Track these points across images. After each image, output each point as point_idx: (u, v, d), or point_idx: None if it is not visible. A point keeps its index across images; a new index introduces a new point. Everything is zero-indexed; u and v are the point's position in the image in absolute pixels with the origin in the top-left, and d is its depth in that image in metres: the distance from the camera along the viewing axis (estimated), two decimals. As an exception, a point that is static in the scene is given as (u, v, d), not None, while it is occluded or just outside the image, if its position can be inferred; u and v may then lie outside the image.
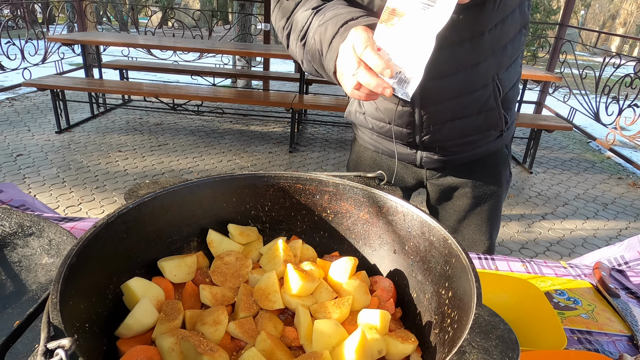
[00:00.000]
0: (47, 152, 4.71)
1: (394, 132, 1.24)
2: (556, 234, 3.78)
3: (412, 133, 1.20)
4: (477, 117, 1.16)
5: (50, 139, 5.07)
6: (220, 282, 0.78)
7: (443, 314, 0.68)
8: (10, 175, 4.15)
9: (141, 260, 0.78)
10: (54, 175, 4.21)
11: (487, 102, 1.13)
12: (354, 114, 1.36)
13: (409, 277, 0.81)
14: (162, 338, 0.63)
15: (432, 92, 1.09)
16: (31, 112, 5.98)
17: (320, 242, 0.94)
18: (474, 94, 1.11)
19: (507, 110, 1.20)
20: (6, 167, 4.30)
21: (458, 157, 1.25)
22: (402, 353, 0.68)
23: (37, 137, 5.10)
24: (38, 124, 5.50)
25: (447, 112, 1.13)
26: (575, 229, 3.88)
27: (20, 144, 4.87)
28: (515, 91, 1.22)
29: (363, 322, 0.70)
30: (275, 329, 0.70)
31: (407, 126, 1.19)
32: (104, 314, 0.66)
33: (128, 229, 0.73)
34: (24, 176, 4.15)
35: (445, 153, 1.24)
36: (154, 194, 0.78)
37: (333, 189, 0.90)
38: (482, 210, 1.37)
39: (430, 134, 1.18)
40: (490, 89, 1.11)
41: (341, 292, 0.77)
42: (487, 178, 1.32)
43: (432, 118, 1.15)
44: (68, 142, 4.98)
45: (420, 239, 0.78)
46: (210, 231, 0.87)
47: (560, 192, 4.62)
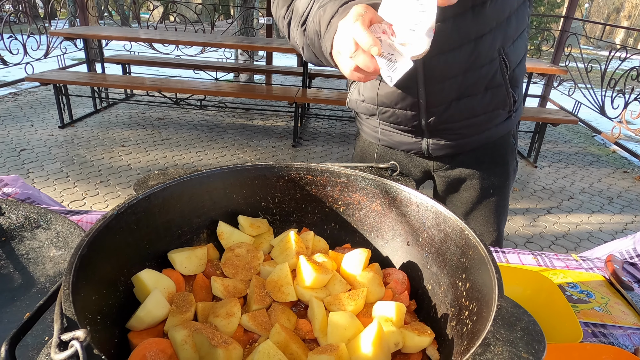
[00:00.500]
0: (51, 147, 4.70)
1: (398, 116, 1.20)
2: (561, 228, 3.76)
3: (417, 115, 1.16)
4: (484, 95, 1.12)
5: (54, 133, 5.06)
6: (232, 274, 0.77)
7: (460, 307, 0.67)
8: (14, 170, 4.15)
9: (151, 252, 0.76)
10: (57, 170, 4.20)
11: (494, 78, 1.09)
12: (354, 102, 1.32)
13: (423, 269, 0.80)
14: (174, 330, 0.62)
15: (436, 68, 1.05)
16: (34, 107, 5.97)
17: (331, 234, 0.93)
18: (480, 69, 1.07)
19: (515, 88, 1.16)
20: (10, 161, 4.30)
21: (466, 141, 1.21)
22: (418, 346, 0.66)
23: (41, 132, 5.09)
24: (41, 119, 5.49)
25: (453, 89, 1.09)
26: (580, 223, 3.86)
27: (24, 138, 4.87)
28: (522, 68, 1.18)
29: (378, 314, 0.69)
30: (289, 322, 0.69)
31: (411, 108, 1.15)
32: (115, 305, 0.65)
33: (138, 220, 0.72)
34: (27, 171, 4.15)
35: (452, 137, 1.20)
36: (164, 184, 0.77)
37: (344, 180, 0.89)
38: (489, 202, 1.35)
39: (435, 114, 1.14)
40: (496, 64, 1.07)
41: (355, 284, 0.75)
42: (495, 168, 1.29)
43: (437, 97, 1.11)
44: (71, 137, 4.97)
45: (435, 230, 0.76)
46: (220, 223, 0.86)
47: (565, 186, 4.60)
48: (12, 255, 0.94)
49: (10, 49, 5.28)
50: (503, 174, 1.32)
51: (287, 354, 0.62)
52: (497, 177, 1.30)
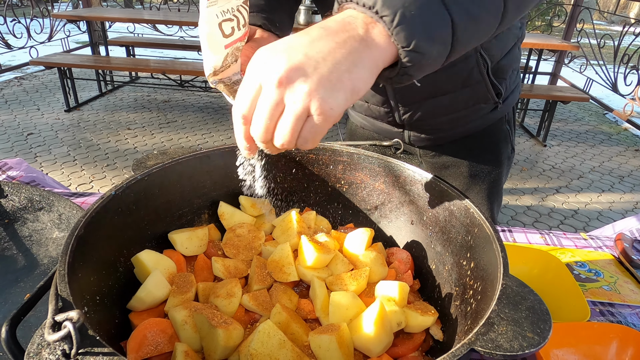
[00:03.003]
0: (57, 130, 4.71)
1: (372, 110, 1.15)
2: (570, 207, 3.72)
3: (390, 112, 1.11)
4: (462, 92, 1.05)
5: (60, 117, 5.06)
6: (233, 254, 0.76)
7: (464, 286, 0.66)
8: (22, 154, 4.17)
9: (152, 233, 0.76)
10: (64, 153, 4.22)
11: (471, 75, 1.01)
12: None
13: (427, 248, 0.79)
14: (175, 311, 0.61)
15: None
16: (40, 91, 5.97)
17: (334, 213, 0.91)
18: (453, 68, 0.98)
19: (501, 80, 1.07)
20: (18, 145, 4.32)
21: (447, 134, 1.15)
22: (421, 325, 0.65)
23: (47, 115, 5.10)
24: (47, 103, 5.50)
25: (421, 90, 1.02)
26: (590, 202, 3.81)
27: (31, 122, 4.88)
28: (511, 58, 1.08)
29: (381, 294, 0.68)
30: (290, 302, 0.68)
31: (383, 105, 1.10)
32: (115, 286, 0.65)
33: (137, 201, 0.71)
34: (35, 155, 4.17)
35: (432, 131, 1.14)
36: (163, 164, 0.76)
37: (347, 158, 0.87)
38: (480, 189, 1.27)
39: (409, 112, 1.08)
40: (472, 62, 0.99)
41: (357, 263, 0.74)
42: (485, 155, 1.21)
43: (406, 97, 1.05)
44: (77, 121, 4.98)
45: (440, 208, 0.75)
46: (221, 203, 0.85)
47: (575, 165, 4.53)
48: (15, 237, 0.94)
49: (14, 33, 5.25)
50: (494, 162, 1.23)
51: (288, 334, 0.61)
52: (487, 164, 1.23)
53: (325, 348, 0.57)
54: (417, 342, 0.65)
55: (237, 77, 0.71)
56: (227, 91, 0.70)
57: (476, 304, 0.59)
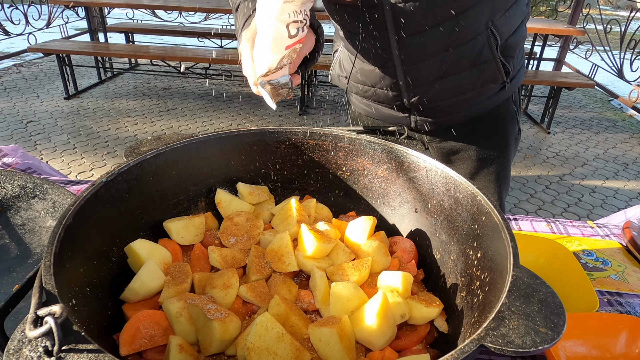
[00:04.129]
0: (57, 118, 4.67)
1: (379, 95, 1.10)
2: (574, 195, 3.68)
3: (399, 95, 1.08)
4: (471, 72, 1.02)
5: (59, 105, 5.02)
6: (230, 243, 0.74)
7: (471, 276, 0.63)
8: (21, 142, 4.14)
9: (146, 222, 0.73)
10: (64, 141, 4.19)
11: (481, 54, 0.99)
12: (336, 78, 1.23)
13: (431, 237, 0.76)
14: (169, 302, 0.59)
15: (412, 48, 0.95)
16: (39, 78, 5.92)
17: (335, 201, 0.88)
18: (463, 47, 0.96)
19: (509, 58, 1.05)
20: (17, 133, 4.29)
21: (454, 117, 1.12)
22: (426, 317, 0.63)
23: (46, 103, 5.06)
24: (46, 90, 5.45)
25: (433, 69, 1.00)
26: (594, 190, 3.78)
27: (30, 110, 4.84)
28: (519, 35, 1.06)
29: (384, 284, 0.65)
30: (290, 293, 0.66)
31: (391, 88, 1.07)
32: (107, 277, 0.62)
33: (130, 188, 0.68)
34: (35, 143, 4.14)
35: (439, 114, 1.11)
36: (157, 150, 0.73)
37: (349, 144, 0.84)
38: (489, 172, 1.25)
39: (418, 94, 1.05)
40: (483, 39, 0.96)
41: (359, 253, 0.72)
42: (493, 138, 1.19)
43: (416, 78, 1.02)
44: (77, 108, 4.93)
45: (445, 196, 0.72)
46: (218, 191, 0.82)
47: (579, 152, 4.48)
48: (8, 226, 0.92)
49: (11, 19, 5.19)
50: (502, 144, 1.20)
51: (287, 327, 0.59)
52: (495, 147, 1.20)
53: (326, 341, 0.55)
54: (421, 335, 0.63)
55: (285, 79, 0.69)
56: (272, 93, 0.69)
57: (484, 295, 0.56)
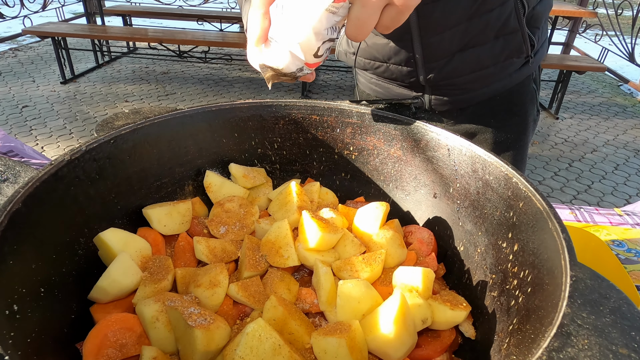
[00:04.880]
0: (53, 103, 4.56)
1: (392, 71, 1.01)
2: (584, 182, 3.57)
3: (414, 71, 0.97)
4: (494, 44, 0.92)
5: (56, 89, 4.91)
6: (220, 233, 0.63)
7: (504, 273, 0.53)
8: (16, 127, 4.04)
9: (122, 208, 0.63)
10: (60, 126, 4.08)
11: (507, 23, 0.89)
12: (343, 54, 1.13)
13: (453, 226, 0.66)
14: (144, 304, 0.49)
15: (432, 17, 0.86)
16: (35, 62, 5.79)
17: (341, 185, 0.78)
18: (489, 14, 0.87)
19: (534, 29, 0.95)
20: (12, 118, 4.19)
21: (472, 95, 1.02)
22: (451, 322, 0.53)
23: (42, 88, 4.94)
24: (42, 75, 5.33)
25: (454, 40, 0.90)
26: (604, 177, 3.66)
27: (26, 95, 4.73)
28: (545, 4, 0.96)
29: (400, 282, 0.55)
30: (289, 292, 0.56)
31: (406, 63, 0.96)
32: (72, 273, 0.52)
33: (101, 168, 0.58)
34: (30, 128, 4.04)
35: (457, 92, 1.01)
36: (134, 125, 0.62)
37: (357, 120, 0.73)
38: (505, 157, 1.12)
39: (435, 70, 0.95)
40: (510, 6, 0.87)
41: (370, 245, 0.61)
42: (511, 119, 1.09)
43: (435, 50, 0.92)
44: (74, 93, 4.82)
45: (471, 178, 0.61)
46: (207, 172, 0.72)
47: (588, 139, 4.36)
48: (-27, 212, 0.82)
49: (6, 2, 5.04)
50: (521, 126, 1.11)
51: (285, 334, 0.49)
52: (513, 129, 1.10)
53: (333, 354, 0.45)
54: (445, 342, 0.53)
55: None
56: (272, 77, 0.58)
57: (525, 298, 0.46)
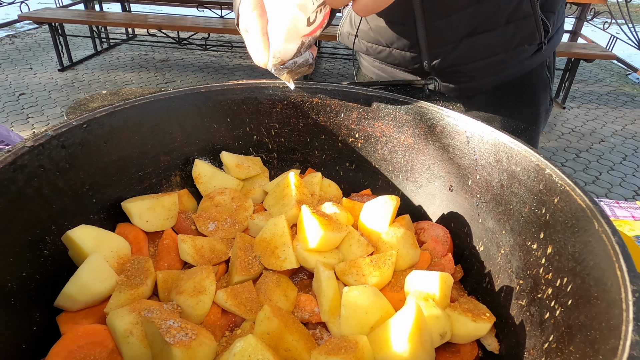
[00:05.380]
0: (51, 90, 4.49)
1: (395, 57, 0.94)
2: (592, 173, 3.49)
3: (418, 57, 0.91)
4: (505, 29, 0.85)
5: (53, 77, 4.83)
6: (209, 230, 0.56)
7: (535, 280, 0.46)
8: (13, 115, 3.98)
9: (99, 201, 0.56)
10: (58, 114, 4.01)
11: (519, 7, 0.82)
12: (345, 36, 1.06)
13: (472, 223, 0.58)
14: (115, 316, 0.42)
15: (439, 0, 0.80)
16: (32, 49, 5.70)
17: (345, 176, 0.71)
18: None
19: (549, 14, 0.88)
20: (9, 106, 4.12)
21: (480, 83, 0.96)
22: (472, 335, 0.46)
23: (40, 75, 4.87)
24: (40, 62, 5.25)
25: (461, 25, 0.83)
26: (612, 168, 3.58)
27: (23, 82, 4.66)
28: None
29: (414, 289, 0.48)
30: (286, 299, 0.49)
31: (410, 49, 0.90)
32: (35, 277, 0.45)
33: (72, 156, 0.51)
34: (27, 116, 3.97)
35: (464, 80, 0.95)
36: (111, 107, 0.55)
37: (364, 103, 0.65)
38: None
39: (440, 56, 0.88)
40: None
41: (379, 245, 0.54)
42: (522, 109, 1.03)
43: (440, 35, 0.85)
44: (72, 80, 4.74)
45: (494, 169, 0.54)
46: (197, 162, 0.65)
47: (595, 129, 4.27)
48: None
49: (2, -14, 4.95)
50: (532, 115, 1.05)
51: (281, 350, 0.42)
52: (524, 118, 1.04)
53: (336, 377, 0.38)
54: (466, 359, 0.46)
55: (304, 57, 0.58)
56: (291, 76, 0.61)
57: (565, 311, 0.39)
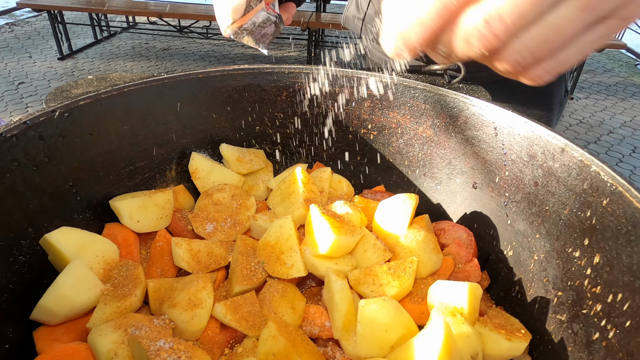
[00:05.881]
0: (50, 79, 4.43)
1: None
2: (601, 165, 3.43)
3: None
4: None
5: (53, 65, 4.77)
6: (207, 232, 0.50)
7: (578, 292, 0.40)
8: (12, 104, 3.93)
9: (84, 199, 0.50)
10: (57, 104, 3.96)
11: None
12: (351, 20, 1.03)
13: (499, 224, 0.52)
14: (98, 334, 0.36)
15: None
16: (32, 37, 5.64)
17: (356, 171, 0.65)
18: None
19: None
20: (8, 95, 4.07)
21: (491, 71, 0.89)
22: (506, 356, 0.40)
23: (39, 64, 4.81)
24: (39, 50, 5.18)
25: None
26: (621, 159, 3.52)
27: (22, 71, 4.61)
28: None
29: (439, 301, 0.42)
30: (293, 311, 0.43)
31: None
32: (8, 287, 0.40)
33: (51, 149, 0.45)
34: (26, 105, 3.92)
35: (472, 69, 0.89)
36: (96, 94, 0.48)
37: (378, 91, 0.59)
38: None
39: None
40: None
41: (397, 250, 0.48)
42: (535, 100, 1.00)
43: None
44: (71, 69, 4.69)
45: (528, 165, 0.48)
46: (194, 155, 0.59)
47: (604, 120, 4.20)
48: None
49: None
50: (545, 106, 1.02)
51: (289, 375, 0.36)
52: (537, 110, 1.02)
53: (353, 410, 0.33)
54: (498, 383, 0.40)
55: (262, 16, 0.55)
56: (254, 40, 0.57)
57: (620, 334, 0.33)
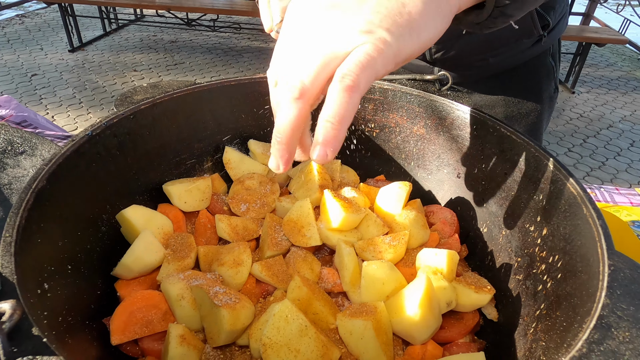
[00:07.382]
0: (62, 71, 4.53)
1: None
2: (598, 159, 3.51)
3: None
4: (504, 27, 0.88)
5: (64, 58, 4.87)
6: (241, 211, 0.63)
7: (531, 257, 0.52)
8: (26, 95, 4.04)
9: (143, 184, 0.62)
10: (70, 95, 4.07)
11: None
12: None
13: (477, 207, 0.64)
14: (169, 283, 0.49)
15: None
16: (42, 29, 5.73)
17: (361, 163, 0.77)
18: None
19: (549, 9, 0.90)
20: (22, 87, 4.18)
21: (483, 70, 0.99)
22: (475, 304, 0.53)
23: (51, 56, 4.91)
24: (50, 42, 5.28)
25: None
26: (619, 154, 3.60)
27: (34, 63, 4.70)
28: None
29: (424, 264, 0.55)
30: (312, 271, 0.56)
31: None
32: (96, 250, 0.52)
33: (121, 144, 0.57)
34: (40, 97, 4.03)
35: (466, 69, 0.98)
36: (152, 100, 0.61)
37: (379, 96, 0.71)
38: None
39: (442, 50, 0.92)
40: None
41: (393, 225, 0.61)
42: (524, 94, 1.05)
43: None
44: (82, 61, 4.78)
45: (499, 159, 0.60)
46: (227, 149, 0.71)
47: (604, 114, 4.26)
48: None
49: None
50: (534, 100, 1.07)
51: (310, 314, 0.49)
52: (526, 105, 1.07)
53: (359, 335, 0.45)
54: (469, 325, 0.52)
55: None
56: None
57: (555, 284, 0.45)
